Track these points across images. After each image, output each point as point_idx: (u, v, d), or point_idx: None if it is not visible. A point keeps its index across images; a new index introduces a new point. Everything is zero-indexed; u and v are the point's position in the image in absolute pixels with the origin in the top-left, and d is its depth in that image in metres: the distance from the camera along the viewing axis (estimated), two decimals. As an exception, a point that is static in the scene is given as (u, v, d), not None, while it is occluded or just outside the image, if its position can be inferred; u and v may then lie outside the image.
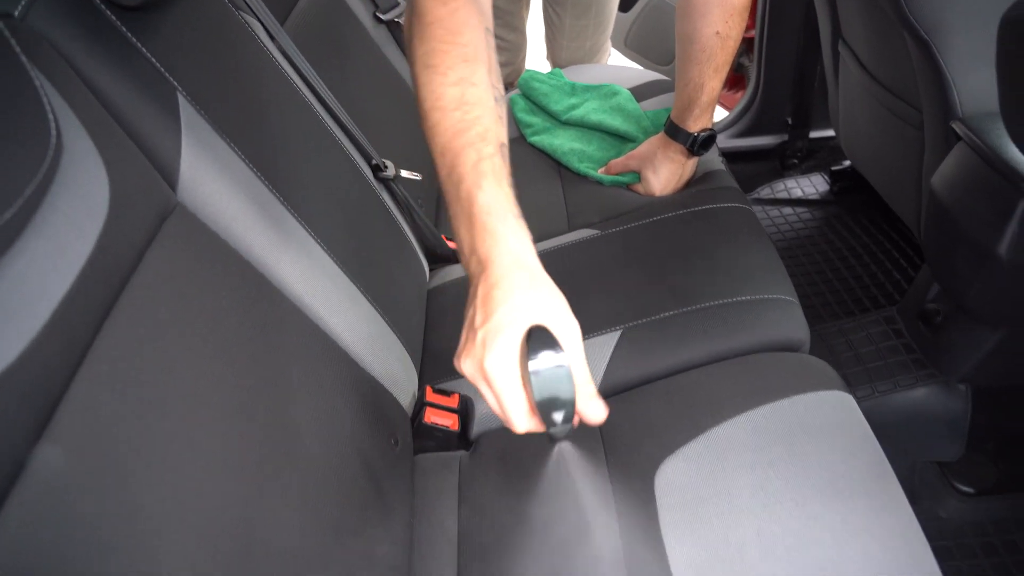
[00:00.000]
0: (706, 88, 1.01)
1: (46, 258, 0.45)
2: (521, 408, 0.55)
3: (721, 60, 1.00)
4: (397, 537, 0.71)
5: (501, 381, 0.54)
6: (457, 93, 0.60)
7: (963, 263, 0.94)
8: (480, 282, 0.56)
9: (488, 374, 0.54)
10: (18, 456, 0.40)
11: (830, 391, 0.75)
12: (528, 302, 0.54)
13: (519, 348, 0.53)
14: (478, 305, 0.56)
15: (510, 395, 0.54)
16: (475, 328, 0.55)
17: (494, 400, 0.56)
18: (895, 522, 0.63)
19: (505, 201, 0.57)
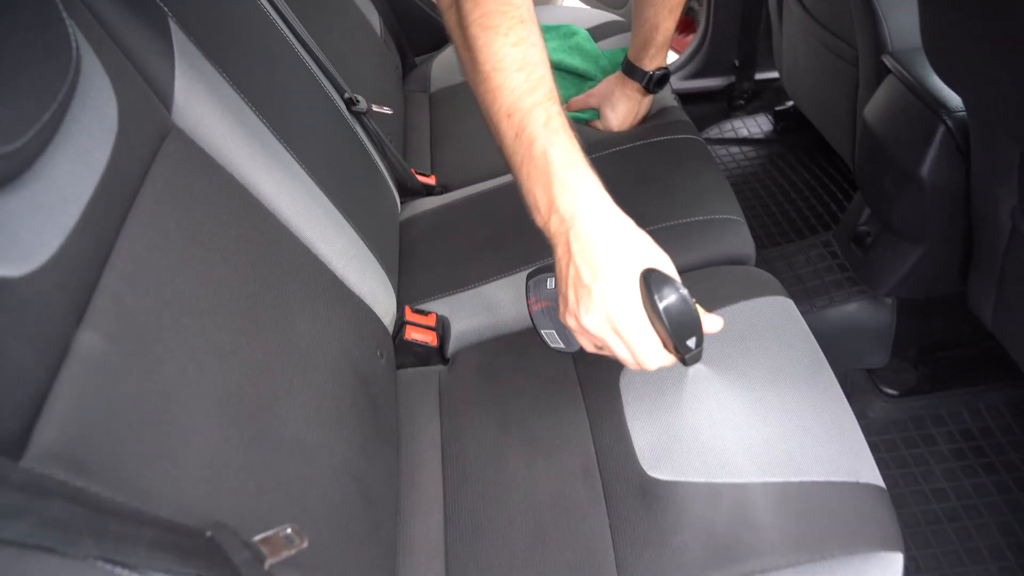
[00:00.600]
0: (661, 28, 1.07)
1: (73, 164, 0.49)
2: (656, 347, 0.58)
3: (675, 1, 1.05)
4: (387, 436, 0.77)
5: (632, 327, 0.56)
6: (519, 54, 0.61)
7: (890, 186, 1.04)
8: (571, 238, 0.58)
9: (617, 324, 0.56)
10: (64, 339, 0.45)
11: (773, 297, 0.84)
12: (632, 249, 0.57)
13: (640, 293, 0.56)
14: (579, 262, 0.57)
15: (643, 338, 0.57)
16: (586, 284, 0.56)
17: (624, 348, 0.58)
18: (827, 400, 0.73)
19: (579, 156, 0.59)
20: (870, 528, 0.64)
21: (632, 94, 1.14)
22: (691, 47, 1.81)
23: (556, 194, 0.58)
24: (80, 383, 0.45)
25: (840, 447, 0.69)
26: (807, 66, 1.39)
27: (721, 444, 0.71)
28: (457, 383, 0.88)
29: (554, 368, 0.85)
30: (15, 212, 0.43)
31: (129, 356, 0.48)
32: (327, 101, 0.94)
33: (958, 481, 1.09)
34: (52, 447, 0.41)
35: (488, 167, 1.18)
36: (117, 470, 0.44)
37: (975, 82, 0.68)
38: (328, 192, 0.83)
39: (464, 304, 0.95)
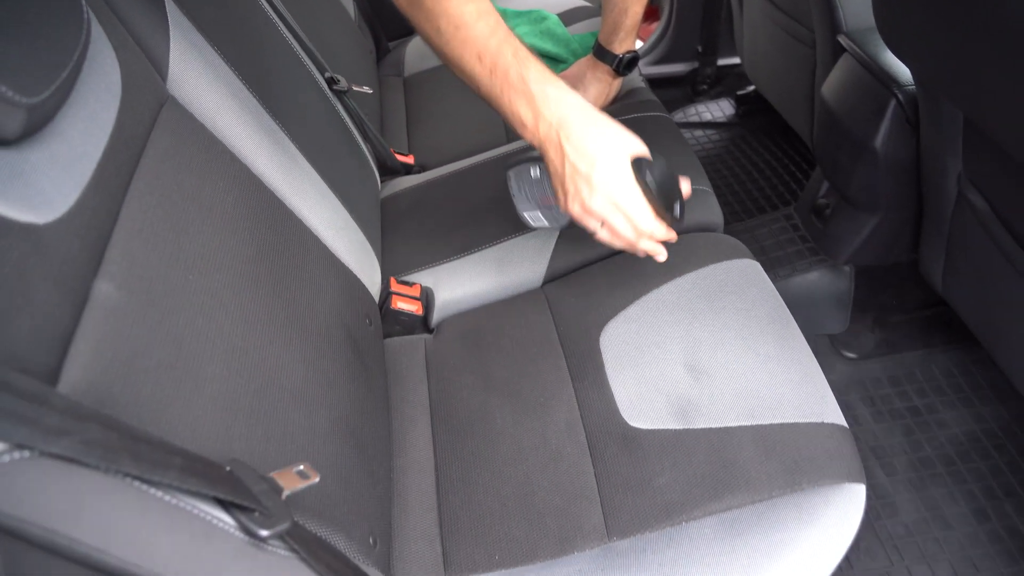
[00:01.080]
0: (630, 12, 1.11)
1: (84, 124, 0.51)
2: (650, 217, 0.68)
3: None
4: (378, 397, 0.80)
5: (631, 202, 0.67)
6: (473, 9, 0.68)
7: (846, 158, 1.10)
8: (562, 140, 0.66)
9: (618, 201, 0.67)
10: (84, 286, 0.47)
11: (740, 259, 0.89)
12: (618, 138, 0.67)
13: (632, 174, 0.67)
14: (574, 157, 0.66)
15: (640, 211, 0.68)
16: (584, 173, 0.66)
17: (625, 221, 0.68)
18: (793, 352, 0.78)
19: (550, 73, 0.69)
20: (835, 463, 0.69)
21: (603, 76, 1.18)
22: (655, 34, 1.87)
23: (540, 106, 0.66)
24: (100, 328, 0.47)
25: (806, 391, 0.74)
26: (767, 50, 1.45)
27: (697, 393, 0.76)
28: (443, 349, 0.92)
29: (536, 331, 0.89)
30: (37, 164, 0.45)
31: (142, 306, 0.51)
32: (310, 79, 0.96)
33: (913, 436, 1.16)
34: (79, 384, 0.44)
35: (464, 147, 1.21)
36: (137, 409, 0.47)
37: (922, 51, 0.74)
38: (316, 166, 0.85)
39: (447, 275, 0.99)
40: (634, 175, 0.67)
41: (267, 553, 0.47)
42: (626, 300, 0.87)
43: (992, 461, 1.11)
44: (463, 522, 0.74)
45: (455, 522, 0.74)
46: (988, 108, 0.70)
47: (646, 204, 0.68)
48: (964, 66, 0.68)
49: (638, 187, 0.67)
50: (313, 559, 0.50)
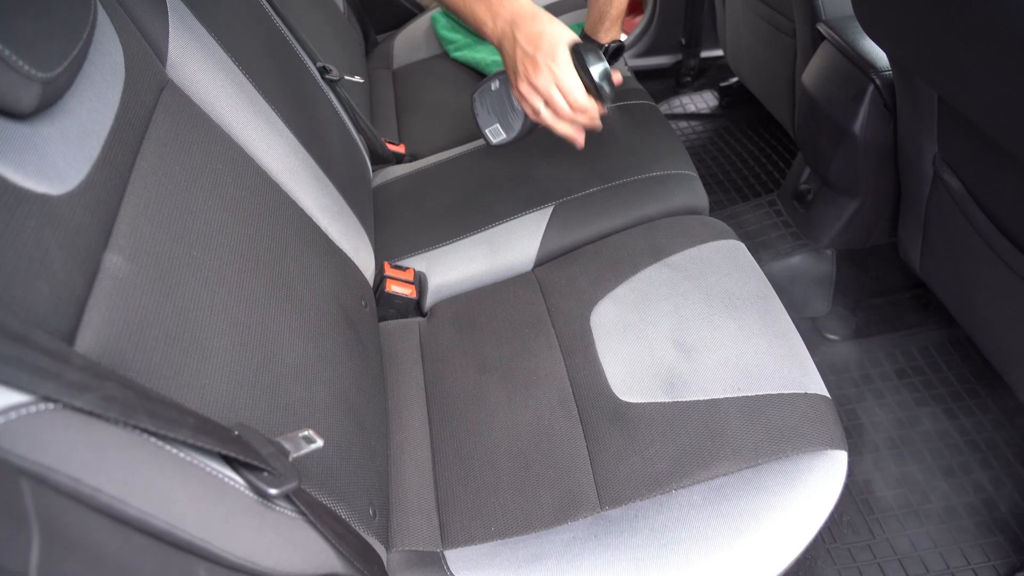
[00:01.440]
0: (615, 2, 1.14)
1: (91, 102, 0.53)
2: (583, 94, 0.80)
3: None
4: (375, 376, 0.82)
5: (566, 78, 0.79)
6: None
7: (827, 144, 1.13)
8: (515, 31, 0.80)
9: (556, 77, 0.79)
10: (95, 257, 0.49)
11: (725, 240, 0.92)
12: (560, 29, 0.79)
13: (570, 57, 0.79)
14: (524, 44, 0.79)
15: (576, 88, 0.79)
16: (531, 55, 0.79)
17: (560, 96, 0.80)
18: (778, 327, 0.81)
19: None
20: (818, 430, 0.72)
21: None
22: (639, 27, 1.90)
23: (496, 8, 0.81)
24: (111, 298, 0.49)
25: (790, 364, 0.76)
26: (749, 41, 1.48)
27: (685, 367, 0.78)
28: (437, 332, 0.94)
29: (528, 313, 0.91)
30: (50, 139, 0.47)
31: (150, 278, 0.52)
32: (303, 68, 0.98)
33: (894, 414, 1.19)
34: (94, 349, 0.45)
35: (454, 136, 1.23)
36: (148, 376, 0.49)
37: (898, 34, 0.77)
38: (311, 152, 0.87)
39: (439, 260, 1.00)
40: (571, 57, 0.78)
41: (276, 513, 0.49)
42: (615, 281, 0.89)
43: (969, 437, 1.15)
44: (459, 496, 0.76)
45: (451, 496, 0.76)
46: (962, 88, 0.73)
47: (579, 82, 0.79)
48: (939, 48, 0.71)
49: (573, 67, 0.79)
50: (319, 523, 0.52)
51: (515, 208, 1.02)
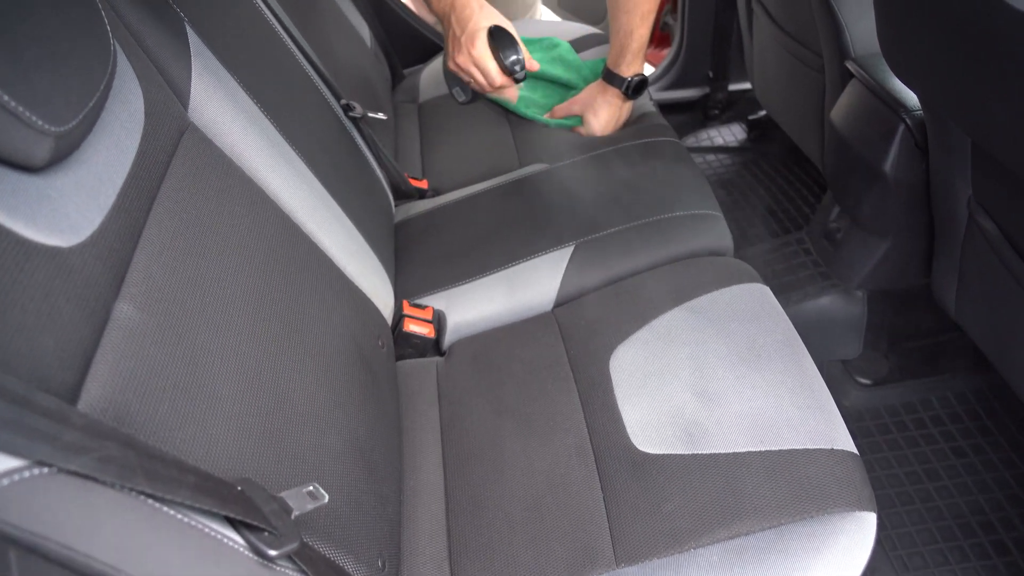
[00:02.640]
0: (635, 35, 1.13)
1: (108, 151, 0.53)
2: (496, 70, 0.97)
3: (646, 8, 1.11)
4: (389, 419, 0.81)
5: (483, 58, 0.96)
6: None
7: (857, 183, 1.10)
8: (453, 13, 0.98)
9: (475, 58, 0.96)
10: (105, 308, 0.49)
11: (750, 284, 0.89)
12: (486, 16, 0.96)
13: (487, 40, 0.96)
14: (455, 25, 0.98)
15: (490, 65, 0.97)
16: (457, 36, 0.97)
17: (479, 74, 0.98)
18: (804, 378, 0.78)
19: None
20: (845, 490, 0.69)
21: (613, 100, 1.20)
22: (667, 60, 1.89)
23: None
24: (119, 348, 0.48)
25: (816, 417, 0.74)
26: (777, 75, 1.46)
27: (705, 418, 0.76)
28: (454, 372, 0.92)
29: (547, 355, 0.90)
30: (63, 190, 0.47)
31: (161, 327, 0.52)
32: (326, 105, 0.98)
33: (929, 464, 1.14)
34: (99, 403, 0.45)
35: (477, 171, 1.23)
36: (154, 428, 0.48)
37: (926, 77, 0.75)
38: (331, 190, 0.87)
39: (459, 298, 1.00)
40: (487, 39, 0.95)
41: (276, 573, 0.47)
42: (636, 324, 0.87)
43: (1011, 491, 1.10)
44: (472, 546, 0.74)
45: (464, 546, 0.74)
46: (994, 132, 0.70)
47: (494, 64, 0.96)
48: (968, 91, 0.69)
49: (489, 51, 0.95)
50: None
51: (536, 247, 1.01)
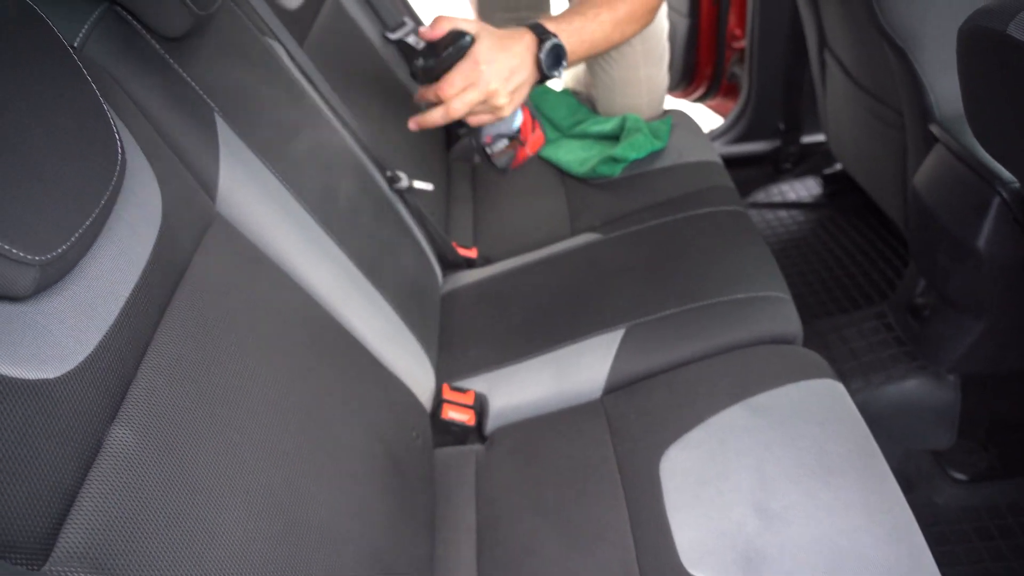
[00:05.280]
0: (595, 17, 0.91)
1: (114, 262, 0.51)
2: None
3: (624, 12, 0.93)
4: (420, 520, 0.76)
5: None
6: None
7: (945, 258, 0.99)
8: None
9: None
10: (97, 436, 0.46)
11: (821, 379, 0.80)
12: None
13: None
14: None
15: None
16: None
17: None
18: (882, 498, 0.69)
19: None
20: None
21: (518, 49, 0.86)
22: (735, 111, 1.81)
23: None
24: (109, 480, 0.45)
25: (897, 550, 0.64)
26: (853, 131, 1.36)
27: (766, 541, 0.67)
28: (494, 465, 0.87)
29: (592, 450, 0.83)
30: (54, 313, 0.44)
31: (158, 451, 0.49)
32: (368, 180, 0.96)
33: (1038, 575, 1.00)
34: (77, 549, 0.41)
35: (531, 239, 1.18)
36: (140, 570, 0.44)
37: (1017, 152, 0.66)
38: (367, 272, 0.84)
39: (503, 381, 0.94)
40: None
41: None
42: (690, 422, 0.79)
43: None
44: (503, 671, 0.67)
45: (495, 670, 0.68)
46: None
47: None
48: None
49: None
50: None
51: (585, 328, 0.95)
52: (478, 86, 0.82)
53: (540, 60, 0.85)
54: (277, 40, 0.90)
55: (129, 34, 0.63)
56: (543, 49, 0.84)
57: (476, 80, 0.82)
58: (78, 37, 0.59)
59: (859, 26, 1.11)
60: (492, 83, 0.82)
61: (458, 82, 0.82)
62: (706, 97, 1.95)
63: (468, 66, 0.82)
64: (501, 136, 0.92)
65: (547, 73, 0.86)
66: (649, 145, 1.24)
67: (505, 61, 0.83)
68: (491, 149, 0.93)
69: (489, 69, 0.82)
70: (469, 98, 0.83)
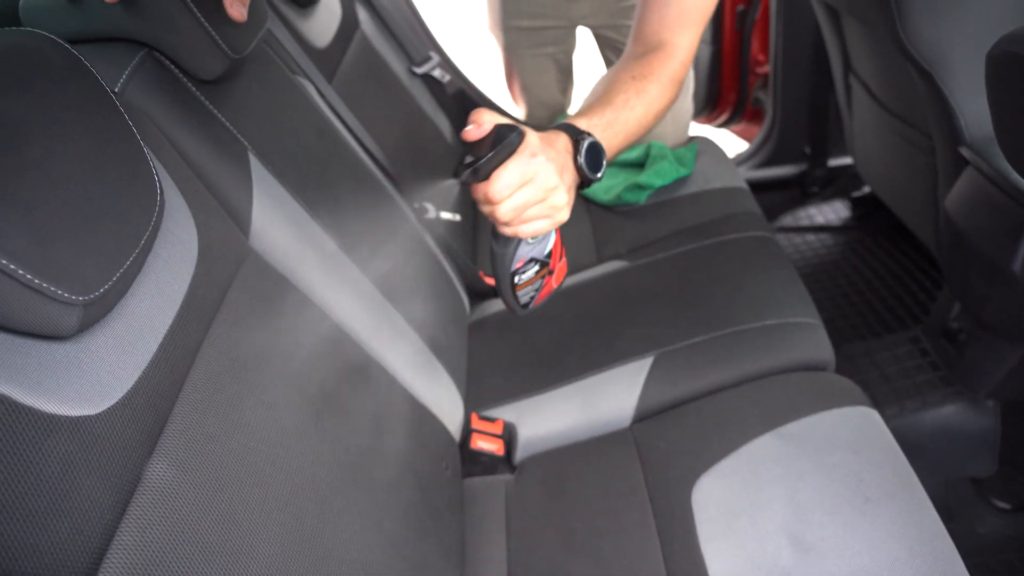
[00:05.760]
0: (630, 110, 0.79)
1: (152, 299, 0.52)
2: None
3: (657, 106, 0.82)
4: (450, 550, 0.76)
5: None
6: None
7: (979, 280, 0.97)
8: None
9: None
10: (136, 471, 0.47)
11: (854, 407, 0.79)
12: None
13: None
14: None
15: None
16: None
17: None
18: (922, 528, 0.67)
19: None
20: None
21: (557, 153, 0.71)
22: (760, 136, 1.81)
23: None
24: (148, 514, 0.46)
25: (940, 582, 0.62)
26: (881, 154, 1.35)
27: (803, 573, 0.66)
28: (524, 496, 0.86)
29: (622, 481, 0.82)
30: (96, 351, 0.46)
31: (195, 484, 0.50)
32: (397, 212, 0.98)
33: (1091, 609, 0.96)
34: (115, 583, 0.42)
35: (555, 267, 1.19)
36: (176, 604, 0.45)
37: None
38: (396, 304, 0.85)
39: (531, 410, 0.94)
40: None
41: None
42: (722, 450, 0.78)
43: None
44: None
45: None
46: None
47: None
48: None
49: None
50: None
51: (613, 356, 0.95)
52: (536, 181, 0.65)
53: (579, 164, 0.72)
54: (307, 78, 0.93)
55: (167, 78, 0.65)
56: (580, 151, 0.72)
57: (533, 175, 0.65)
58: (119, 83, 0.62)
59: (884, 50, 1.11)
60: (551, 177, 0.66)
61: (513, 178, 0.64)
62: (730, 123, 1.95)
63: (523, 159, 0.65)
64: (533, 261, 0.74)
65: (589, 176, 0.72)
66: (674, 172, 1.24)
67: (558, 158, 0.68)
68: (520, 277, 0.74)
69: (546, 163, 0.66)
70: (525, 197, 0.65)
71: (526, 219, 0.67)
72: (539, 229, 0.68)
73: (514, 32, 1.46)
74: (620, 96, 0.79)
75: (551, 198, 0.67)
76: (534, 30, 1.44)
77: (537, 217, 0.67)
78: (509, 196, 0.65)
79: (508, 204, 0.65)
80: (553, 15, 1.41)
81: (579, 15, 1.40)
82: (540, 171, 0.65)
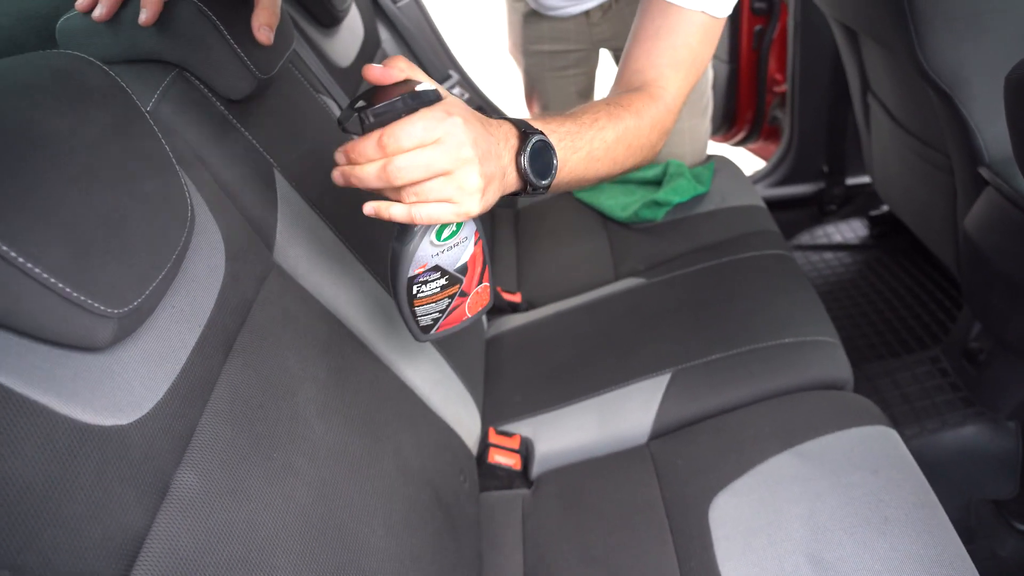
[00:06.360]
0: (596, 141, 0.68)
1: (181, 312, 0.54)
2: None
3: (633, 151, 0.73)
4: (468, 564, 0.76)
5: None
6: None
7: (1000, 300, 0.97)
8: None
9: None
10: (164, 480, 0.48)
11: (873, 426, 0.79)
12: None
13: None
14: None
15: None
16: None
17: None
18: (942, 550, 0.66)
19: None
20: None
21: (500, 136, 0.59)
22: (777, 154, 1.81)
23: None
24: (176, 523, 0.47)
25: (961, 605, 0.62)
26: (900, 173, 1.35)
27: (822, 594, 0.65)
28: (541, 510, 0.86)
29: (639, 497, 0.82)
30: (128, 361, 0.47)
31: (221, 493, 0.51)
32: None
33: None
34: (144, 590, 0.43)
35: (574, 284, 1.20)
36: (200, 614, 0.46)
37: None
38: (415, 319, 0.86)
39: (548, 426, 0.95)
40: None
41: None
42: (739, 468, 0.78)
43: None
44: None
45: None
46: None
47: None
48: None
49: None
50: None
51: (630, 373, 0.95)
52: (445, 145, 0.51)
53: (521, 163, 0.58)
54: (331, 96, 0.95)
55: (197, 98, 0.67)
56: (526, 148, 0.58)
57: (443, 135, 0.51)
58: (151, 101, 0.64)
59: (902, 71, 1.11)
60: (465, 148, 0.52)
61: (417, 131, 0.51)
62: (747, 141, 1.96)
63: (435, 113, 0.51)
64: (439, 271, 0.60)
65: (533, 180, 0.59)
66: (692, 189, 1.25)
67: (483, 136, 0.54)
68: (420, 288, 0.60)
69: (464, 129, 0.52)
70: (427, 158, 0.51)
71: (422, 194, 0.52)
72: (438, 214, 0.53)
73: (535, 56, 1.47)
74: (588, 115, 0.68)
75: (460, 173, 0.52)
76: (555, 53, 1.45)
77: (438, 196, 0.53)
78: (407, 151, 0.51)
79: (404, 160, 0.51)
80: (575, 39, 1.42)
81: (600, 38, 1.41)
82: (453, 135, 0.51)
